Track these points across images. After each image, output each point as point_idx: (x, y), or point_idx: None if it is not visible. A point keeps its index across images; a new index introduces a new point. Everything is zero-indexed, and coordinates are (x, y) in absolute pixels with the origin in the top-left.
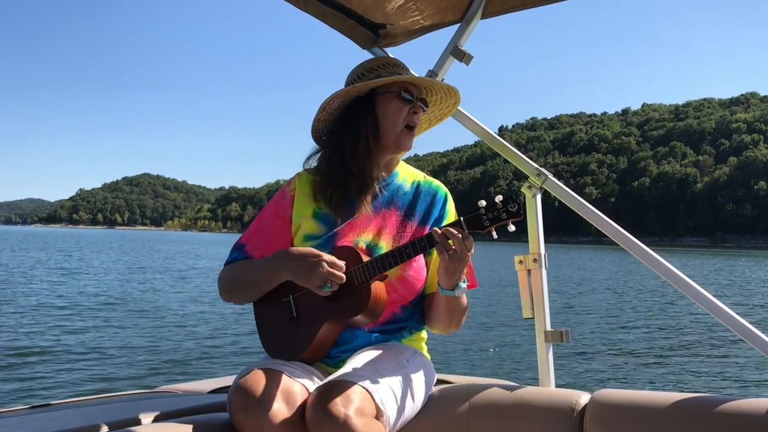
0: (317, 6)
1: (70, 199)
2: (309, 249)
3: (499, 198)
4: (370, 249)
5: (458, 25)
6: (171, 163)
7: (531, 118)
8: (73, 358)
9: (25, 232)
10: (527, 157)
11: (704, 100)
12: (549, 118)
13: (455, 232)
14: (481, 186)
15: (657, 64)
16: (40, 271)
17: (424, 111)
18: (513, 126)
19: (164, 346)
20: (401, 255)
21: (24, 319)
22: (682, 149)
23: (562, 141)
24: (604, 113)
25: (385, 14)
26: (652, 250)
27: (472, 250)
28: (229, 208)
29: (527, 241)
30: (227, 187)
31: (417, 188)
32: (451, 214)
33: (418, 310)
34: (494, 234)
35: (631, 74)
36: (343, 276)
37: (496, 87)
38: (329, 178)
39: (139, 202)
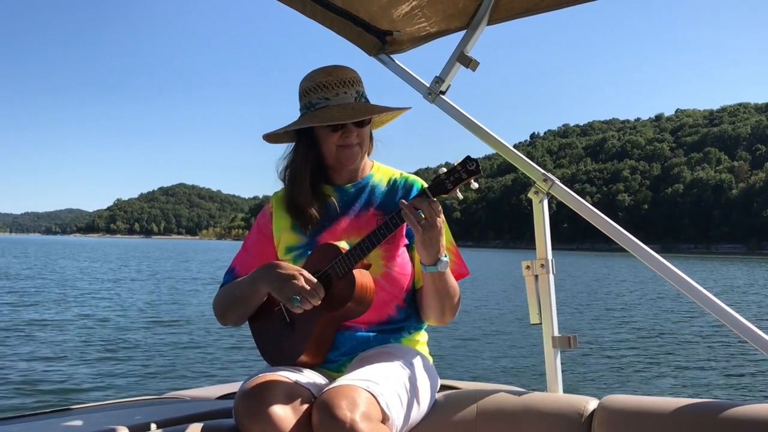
0: (324, 13)
1: (108, 209)
2: (292, 265)
3: (458, 161)
4: None
5: (465, 31)
6: (206, 173)
7: (563, 125)
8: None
9: (65, 242)
10: (561, 163)
11: (739, 104)
12: (581, 124)
13: (421, 200)
14: (513, 193)
15: (691, 68)
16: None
17: (361, 128)
18: (545, 133)
19: (176, 352)
20: (376, 237)
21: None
22: (716, 155)
23: (595, 148)
24: (637, 119)
25: (392, 21)
26: (679, 255)
27: (441, 216)
28: None
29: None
30: (261, 197)
31: (393, 185)
32: None
33: (414, 311)
34: (459, 195)
35: (665, 79)
36: (317, 296)
37: (527, 93)
38: (291, 193)
39: (174, 212)
